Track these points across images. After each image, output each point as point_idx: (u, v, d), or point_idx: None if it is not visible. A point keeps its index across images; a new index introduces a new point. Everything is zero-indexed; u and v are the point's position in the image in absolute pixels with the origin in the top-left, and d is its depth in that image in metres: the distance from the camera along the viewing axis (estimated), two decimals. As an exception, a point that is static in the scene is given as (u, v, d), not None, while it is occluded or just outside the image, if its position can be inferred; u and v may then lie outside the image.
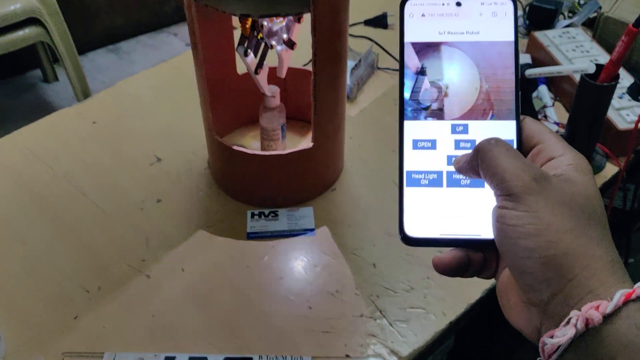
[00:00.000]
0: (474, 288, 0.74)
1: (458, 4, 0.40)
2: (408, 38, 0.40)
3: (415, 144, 0.39)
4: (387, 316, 0.71)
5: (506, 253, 0.34)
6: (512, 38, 0.39)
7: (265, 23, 0.74)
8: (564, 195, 0.33)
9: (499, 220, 0.34)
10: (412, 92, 0.40)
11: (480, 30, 0.40)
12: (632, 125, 0.90)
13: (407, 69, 0.40)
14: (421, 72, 0.40)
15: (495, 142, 0.35)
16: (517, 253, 0.33)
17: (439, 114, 0.40)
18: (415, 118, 0.40)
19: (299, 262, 0.77)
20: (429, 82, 0.40)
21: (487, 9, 0.40)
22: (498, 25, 0.40)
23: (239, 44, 0.74)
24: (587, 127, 0.85)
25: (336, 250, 0.79)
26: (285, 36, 0.78)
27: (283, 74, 0.83)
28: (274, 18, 0.74)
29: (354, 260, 0.77)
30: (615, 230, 0.33)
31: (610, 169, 0.93)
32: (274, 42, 0.77)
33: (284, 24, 0.77)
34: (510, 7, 0.40)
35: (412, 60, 0.40)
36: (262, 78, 0.79)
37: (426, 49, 0.40)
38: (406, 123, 0.40)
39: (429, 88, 0.40)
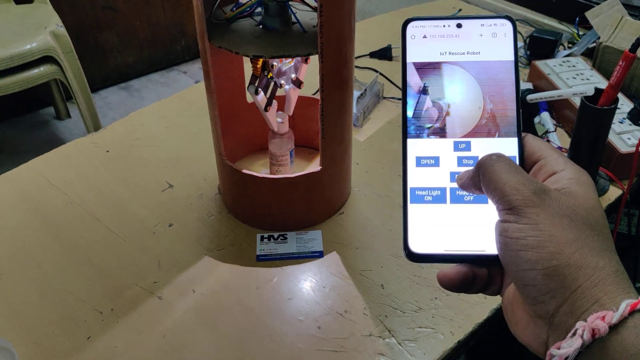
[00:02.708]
0: (481, 308, 0.75)
1: (459, 25, 0.41)
2: (410, 58, 0.41)
3: (419, 161, 0.40)
4: (396, 336, 0.71)
5: (509, 266, 0.35)
6: (512, 57, 0.41)
7: (275, 63, 0.78)
8: (565, 208, 0.34)
9: (502, 234, 0.35)
10: (415, 110, 0.41)
11: (480, 50, 0.41)
12: (634, 149, 0.92)
13: (409, 89, 0.41)
14: (423, 91, 0.41)
15: (497, 157, 0.36)
16: (520, 265, 0.33)
17: (441, 132, 0.40)
18: (418, 136, 0.40)
19: (308, 283, 0.78)
20: (431, 101, 0.41)
21: (487, 30, 0.41)
22: (498, 45, 0.41)
23: (250, 83, 0.77)
24: (589, 151, 0.87)
25: (344, 272, 0.80)
26: (293, 76, 0.81)
27: (291, 111, 0.86)
28: (284, 59, 0.77)
29: (362, 281, 0.78)
30: (623, 254, 0.34)
31: (614, 192, 0.94)
32: (283, 82, 0.81)
33: (292, 64, 0.81)
34: (509, 28, 0.41)
35: (414, 80, 0.41)
36: (271, 115, 0.82)
37: (428, 69, 0.41)
38: (409, 141, 0.40)
39: (431, 107, 0.41)
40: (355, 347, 0.70)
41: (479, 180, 0.36)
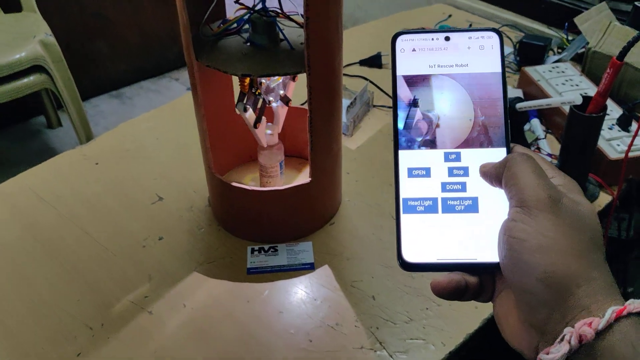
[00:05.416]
0: (472, 318, 0.75)
1: (447, 38, 0.42)
2: (400, 72, 0.42)
3: (410, 172, 0.41)
4: (387, 347, 0.71)
5: (509, 268, 0.35)
6: (499, 69, 0.42)
7: (263, 81, 0.78)
8: (572, 217, 0.35)
9: (507, 233, 0.35)
10: (406, 122, 0.41)
11: (468, 62, 0.42)
12: (623, 155, 0.92)
13: (400, 101, 0.42)
14: (413, 103, 0.42)
15: (527, 157, 0.37)
16: (519, 268, 0.34)
17: (432, 144, 0.41)
18: (409, 147, 0.41)
19: (299, 295, 0.78)
20: (422, 113, 0.42)
21: (474, 43, 0.42)
22: (485, 57, 0.42)
23: (238, 101, 0.77)
24: (579, 157, 0.87)
25: (335, 284, 0.80)
26: (281, 92, 0.81)
27: (279, 128, 0.86)
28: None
29: (353, 292, 0.78)
30: (612, 259, 0.35)
31: (604, 198, 0.94)
32: (271, 98, 0.80)
33: (280, 81, 0.81)
34: (496, 40, 0.42)
35: (404, 93, 0.42)
36: (260, 131, 0.82)
37: (418, 82, 0.42)
38: (401, 152, 0.41)
39: (421, 119, 0.41)
40: (347, 360, 0.70)
41: (502, 172, 0.37)
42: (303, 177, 0.96)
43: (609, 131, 0.98)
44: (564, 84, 1.10)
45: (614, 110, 1.03)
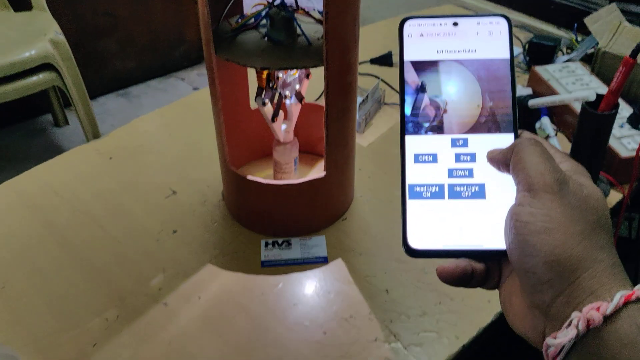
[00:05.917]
0: (485, 312, 0.75)
1: (455, 23, 0.42)
2: (407, 57, 0.42)
3: (417, 158, 0.41)
4: (401, 340, 0.72)
5: (514, 252, 0.35)
6: (507, 55, 0.41)
7: (280, 75, 0.78)
8: (578, 199, 0.35)
9: (513, 217, 0.35)
10: (413, 108, 0.41)
11: (477, 48, 0.42)
12: (634, 153, 0.92)
13: (407, 86, 0.42)
14: (421, 89, 0.42)
15: (535, 142, 0.37)
16: (524, 251, 0.34)
17: (439, 129, 0.41)
18: (416, 133, 0.41)
19: (313, 289, 0.78)
20: (429, 98, 0.41)
21: (483, 28, 0.42)
22: (494, 43, 0.42)
23: (257, 95, 0.77)
24: (590, 156, 0.88)
25: (349, 278, 0.80)
26: (297, 87, 0.82)
27: (293, 125, 0.87)
28: (289, 70, 0.78)
29: (366, 286, 0.79)
30: (624, 258, 0.35)
31: (615, 197, 0.95)
32: (287, 93, 0.81)
33: (296, 76, 0.81)
34: (505, 26, 0.42)
35: (411, 78, 0.42)
36: (277, 125, 0.82)
37: (425, 67, 0.42)
38: (407, 138, 0.41)
39: (428, 104, 0.41)
40: (361, 352, 0.70)
41: (510, 157, 0.38)
42: (316, 173, 0.96)
43: (620, 129, 0.99)
44: (574, 84, 1.11)
45: (624, 109, 1.03)
